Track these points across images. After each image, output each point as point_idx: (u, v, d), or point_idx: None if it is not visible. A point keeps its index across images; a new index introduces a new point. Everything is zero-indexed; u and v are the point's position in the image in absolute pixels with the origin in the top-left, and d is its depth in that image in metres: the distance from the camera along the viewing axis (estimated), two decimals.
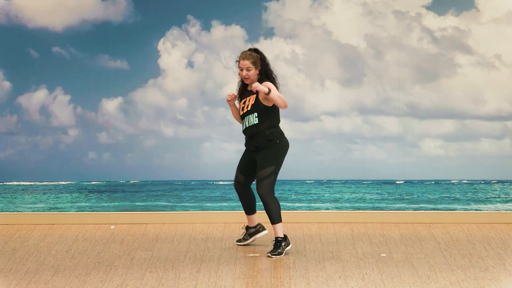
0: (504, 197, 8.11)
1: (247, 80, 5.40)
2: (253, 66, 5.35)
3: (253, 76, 5.40)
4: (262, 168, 5.37)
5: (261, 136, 5.38)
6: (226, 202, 7.94)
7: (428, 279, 4.82)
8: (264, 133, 5.36)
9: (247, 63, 5.35)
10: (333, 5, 7.37)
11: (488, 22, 7.29)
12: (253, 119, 5.37)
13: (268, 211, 5.42)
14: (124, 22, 7.49)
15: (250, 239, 5.75)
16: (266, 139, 5.37)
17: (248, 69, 5.35)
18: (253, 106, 5.37)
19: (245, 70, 5.35)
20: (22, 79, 7.54)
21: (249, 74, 5.36)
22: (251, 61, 5.35)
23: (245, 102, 5.44)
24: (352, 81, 7.44)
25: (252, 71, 5.37)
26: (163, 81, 7.59)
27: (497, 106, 7.43)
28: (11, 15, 7.41)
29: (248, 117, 5.38)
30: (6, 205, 7.83)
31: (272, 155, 5.39)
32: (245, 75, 5.37)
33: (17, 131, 7.60)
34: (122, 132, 7.65)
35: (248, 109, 5.38)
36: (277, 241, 5.45)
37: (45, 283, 4.78)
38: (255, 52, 5.40)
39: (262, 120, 5.36)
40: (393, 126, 7.44)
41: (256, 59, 5.37)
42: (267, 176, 5.36)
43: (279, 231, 5.45)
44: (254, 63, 5.35)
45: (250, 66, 5.35)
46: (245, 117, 5.43)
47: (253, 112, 5.37)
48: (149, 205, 7.88)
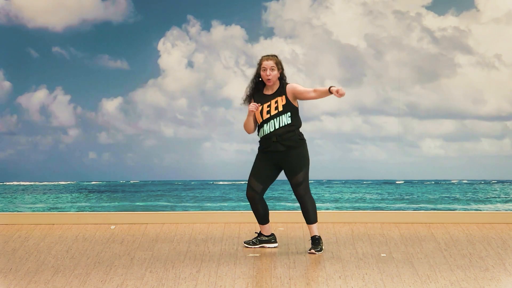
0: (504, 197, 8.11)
1: (269, 81, 5.45)
2: (276, 67, 5.47)
3: (275, 78, 5.46)
4: (299, 170, 5.46)
5: (293, 135, 5.44)
6: (226, 202, 7.93)
7: (428, 279, 4.82)
8: (296, 132, 5.46)
9: (271, 63, 5.46)
10: (333, 5, 7.37)
11: (488, 22, 7.29)
12: (286, 119, 5.44)
13: (307, 211, 5.52)
14: (124, 22, 7.49)
15: (259, 245, 5.77)
16: (299, 138, 5.47)
17: (272, 68, 5.44)
18: (285, 107, 5.45)
19: (269, 70, 5.42)
20: (22, 79, 7.54)
21: (272, 74, 5.43)
22: (275, 62, 5.47)
23: (270, 106, 5.46)
24: (352, 81, 7.44)
25: (275, 72, 5.46)
26: (163, 81, 7.59)
27: (497, 106, 7.43)
28: (11, 15, 7.41)
29: (279, 118, 5.43)
30: (6, 205, 7.83)
31: (305, 155, 5.52)
32: (269, 74, 5.42)
33: (17, 131, 7.60)
34: (122, 132, 7.65)
35: (280, 110, 5.44)
36: (316, 238, 5.55)
37: (45, 283, 4.78)
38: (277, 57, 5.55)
39: (294, 119, 5.45)
40: (393, 126, 7.44)
41: (278, 62, 5.51)
42: (305, 178, 5.46)
43: (316, 230, 5.59)
44: (276, 64, 5.48)
45: (274, 66, 5.46)
46: (272, 119, 5.45)
47: (286, 112, 5.44)
48: (149, 205, 7.88)
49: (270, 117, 5.43)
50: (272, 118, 5.43)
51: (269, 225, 5.74)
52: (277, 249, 5.70)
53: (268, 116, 5.44)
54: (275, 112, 5.43)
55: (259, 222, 5.71)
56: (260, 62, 5.50)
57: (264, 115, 5.45)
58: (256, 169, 5.58)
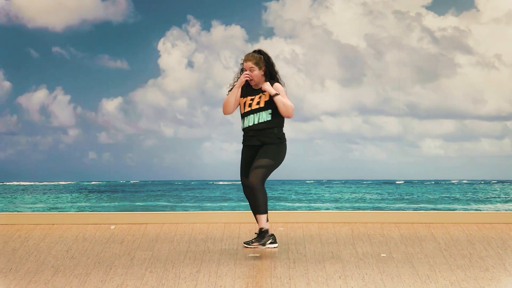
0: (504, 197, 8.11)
1: (251, 81, 5.43)
2: (256, 66, 5.40)
3: (257, 77, 5.43)
4: (261, 157, 5.41)
5: (270, 133, 5.42)
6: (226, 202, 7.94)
7: (428, 279, 4.83)
8: (273, 130, 5.41)
9: (249, 64, 5.40)
10: (333, 5, 7.37)
11: (488, 22, 7.29)
12: (266, 115, 5.40)
13: (255, 200, 5.45)
14: (124, 22, 7.49)
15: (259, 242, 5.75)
16: (276, 136, 5.43)
17: (251, 69, 5.39)
18: (267, 103, 5.41)
19: (248, 71, 5.39)
20: (22, 79, 7.54)
21: (252, 75, 5.40)
22: (254, 62, 5.40)
23: (253, 99, 5.45)
24: (352, 81, 7.44)
25: (256, 72, 5.41)
26: (163, 81, 7.60)
27: (497, 106, 7.43)
28: (11, 15, 7.41)
29: (259, 114, 5.41)
30: (6, 205, 7.83)
31: (276, 151, 5.44)
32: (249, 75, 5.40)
33: (17, 131, 7.60)
34: (122, 132, 7.66)
35: (261, 106, 5.40)
36: (261, 232, 5.47)
37: (45, 283, 4.78)
38: (259, 53, 5.44)
39: (275, 117, 5.40)
40: (393, 126, 7.44)
41: (259, 60, 5.41)
42: (263, 166, 5.39)
43: (263, 221, 5.47)
44: (256, 63, 5.40)
45: (253, 66, 5.39)
46: (253, 113, 5.43)
47: (267, 109, 5.41)
48: (149, 205, 7.88)
49: (251, 111, 5.43)
50: (252, 113, 5.43)
51: (266, 216, 5.67)
52: (277, 249, 5.70)
53: (249, 109, 5.44)
54: (256, 107, 5.43)
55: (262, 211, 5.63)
56: (242, 61, 5.47)
57: (246, 107, 5.45)
58: (242, 165, 5.60)
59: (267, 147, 5.47)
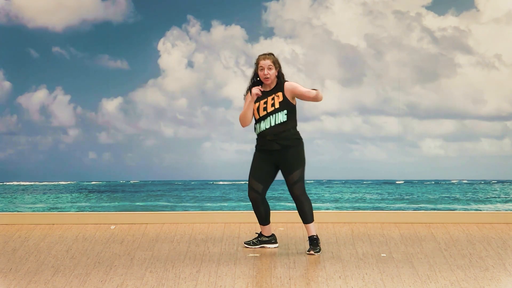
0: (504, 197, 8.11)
1: (267, 80, 5.41)
2: (273, 65, 5.41)
3: (273, 76, 5.43)
4: (295, 169, 5.42)
5: (289, 134, 5.41)
6: (226, 202, 7.94)
7: (428, 279, 4.82)
8: (291, 131, 5.41)
9: (268, 62, 5.40)
10: (333, 5, 7.37)
11: (488, 22, 7.29)
12: (282, 116, 5.38)
13: (303, 211, 5.49)
14: (124, 22, 7.49)
15: (259, 245, 5.75)
16: (295, 137, 5.43)
17: (269, 67, 5.39)
18: (282, 104, 5.39)
19: (267, 69, 5.38)
20: (22, 79, 7.54)
21: (270, 73, 5.39)
22: (272, 61, 5.42)
23: (266, 102, 5.43)
24: (352, 81, 7.44)
25: (273, 71, 5.41)
26: (163, 81, 7.59)
27: (497, 106, 7.43)
28: (11, 15, 7.41)
29: (276, 115, 5.38)
30: (6, 205, 7.83)
31: (301, 154, 5.48)
32: (266, 73, 5.38)
33: (17, 131, 7.60)
34: (122, 132, 7.65)
35: (276, 107, 5.38)
36: (314, 239, 5.51)
37: (45, 283, 4.78)
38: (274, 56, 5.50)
39: (290, 118, 5.40)
40: (393, 126, 7.44)
41: (275, 60, 5.45)
42: (301, 177, 5.44)
43: (314, 229, 5.54)
44: (274, 63, 5.43)
45: (271, 65, 5.40)
46: (268, 116, 5.41)
47: (282, 110, 5.39)
48: (149, 205, 7.88)
49: (267, 114, 5.40)
50: (269, 115, 5.40)
51: (269, 225, 5.73)
52: (277, 249, 5.70)
53: (264, 113, 5.41)
54: (271, 109, 5.40)
55: (260, 223, 5.70)
56: (257, 62, 5.45)
57: (261, 112, 5.42)
58: (255, 169, 5.55)
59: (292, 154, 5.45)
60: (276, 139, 5.40)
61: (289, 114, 5.40)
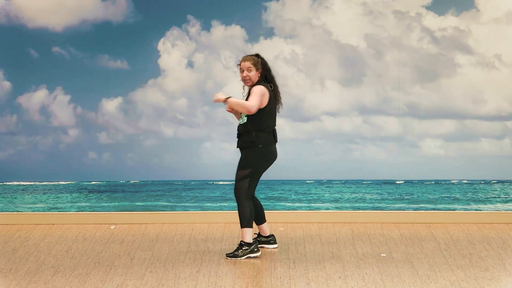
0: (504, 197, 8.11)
1: (247, 82, 5.42)
2: (254, 67, 5.39)
3: (254, 78, 5.42)
4: (238, 169, 5.43)
5: (247, 136, 5.42)
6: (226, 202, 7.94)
7: (428, 279, 4.82)
8: (250, 134, 5.39)
9: (247, 64, 5.39)
10: (333, 5, 7.37)
11: (488, 22, 7.29)
12: (244, 117, 5.43)
13: (238, 213, 5.46)
14: (124, 22, 7.49)
15: (258, 245, 5.75)
16: (249, 139, 5.40)
17: (248, 69, 5.38)
18: None
19: (246, 71, 5.38)
20: (22, 79, 7.54)
21: (249, 75, 5.38)
22: (252, 62, 5.40)
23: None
24: (352, 81, 7.44)
25: (253, 72, 5.39)
26: (163, 81, 7.60)
27: (497, 106, 7.43)
28: (11, 15, 7.41)
29: (242, 116, 5.45)
30: (6, 205, 7.83)
31: (251, 158, 5.40)
32: (245, 75, 5.39)
33: (17, 131, 7.60)
34: (122, 132, 7.66)
35: None
36: (240, 244, 5.43)
37: (45, 283, 4.78)
38: (257, 57, 5.45)
39: (251, 120, 5.39)
40: (393, 126, 7.45)
41: (256, 62, 5.41)
42: (240, 178, 5.40)
43: (245, 235, 5.41)
44: (254, 64, 5.40)
45: (251, 66, 5.38)
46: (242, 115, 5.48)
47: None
48: (149, 205, 7.88)
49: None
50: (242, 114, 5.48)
51: (266, 225, 5.72)
52: (277, 249, 5.70)
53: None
54: None
55: (255, 223, 5.71)
56: (239, 64, 5.46)
57: None
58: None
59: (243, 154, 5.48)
60: (238, 138, 5.48)
61: (249, 117, 5.39)
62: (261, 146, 5.38)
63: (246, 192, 5.38)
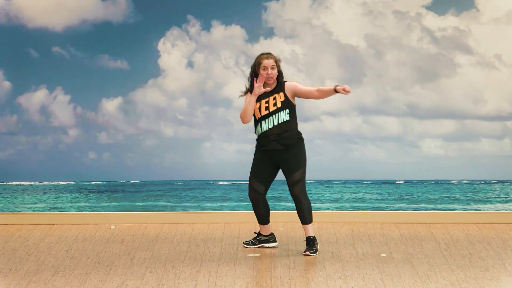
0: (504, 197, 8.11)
1: (270, 79, 5.41)
2: (276, 65, 5.42)
3: (275, 76, 5.43)
4: (296, 169, 5.41)
5: (291, 133, 5.40)
6: (226, 202, 7.93)
7: (428, 279, 4.83)
8: (293, 131, 5.41)
9: (271, 61, 5.41)
10: (333, 5, 7.37)
11: (488, 22, 7.29)
12: (285, 115, 5.38)
13: (302, 211, 5.47)
14: (124, 22, 7.49)
15: (258, 245, 5.75)
16: (297, 136, 5.42)
17: (272, 67, 5.39)
18: (284, 103, 5.39)
19: (270, 69, 5.38)
20: (22, 79, 7.54)
21: (273, 72, 5.40)
22: (274, 60, 5.43)
23: (268, 101, 5.42)
24: (352, 81, 7.43)
25: (275, 70, 5.42)
26: (163, 81, 7.59)
27: (497, 106, 7.43)
28: (11, 15, 7.41)
29: (278, 115, 5.38)
30: (6, 205, 7.83)
31: (303, 154, 5.47)
32: (270, 73, 5.38)
33: (17, 131, 7.60)
34: (122, 132, 7.65)
35: (278, 106, 5.38)
36: (311, 240, 5.49)
37: (45, 283, 4.78)
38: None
39: (292, 117, 5.40)
40: (393, 126, 7.45)
41: (277, 60, 5.46)
42: (302, 177, 5.43)
43: (311, 230, 5.52)
44: (276, 62, 5.44)
45: (275, 65, 5.41)
46: (270, 116, 5.40)
47: (284, 109, 5.39)
48: (149, 205, 7.88)
49: (269, 113, 5.39)
50: (271, 115, 5.39)
51: (269, 225, 5.74)
52: (277, 249, 5.70)
53: (266, 113, 5.39)
54: (273, 109, 5.39)
55: (260, 222, 5.70)
56: (260, 61, 5.43)
57: (263, 111, 5.40)
58: (256, 170, 5.53)
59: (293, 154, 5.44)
60: (278, 139, 5.40)
61: (291, 113, 5.40)
62: (303, 139, 5.47)
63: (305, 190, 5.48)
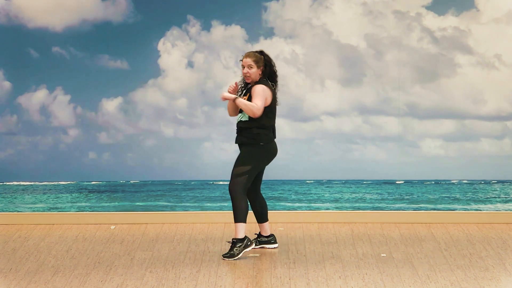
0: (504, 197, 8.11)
1: (248, 78, 5.42)
2: (255, 64, 5.37)
3: (254, 75, 5.41)
4: (237, 165, 5.40)
5: (249, 132, 5.40)
6: (226, 202, 7.93)
7: (428, 279, 4.82)
8: (253, 130, 5.38)
9: (248, 60, 5.38)
10: (333, 5, 7.37)
11: (488, 22, 7.29)
12: (245, 115, 5.41)
13: (233, 208, 5.43)
14: (124, 22, 7.49)
15: (258, 245, 5.74)
16: (251, 136, 5.38)
17: (249, 66, 5.37)
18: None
19: (247, 68, 5.38)
20: (22, 79, 7.54)
21: (250, 72, 5.38)
22: (253, 60, 5.37)
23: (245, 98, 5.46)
24: (352, 81, 7.44)
25: (254, 70, 5.38)
26: (163, 81, 7.59)
27: (497, 106, 7.43)
28: (11, 15, 7.41)
29: (243, 112, 5.41)
30: (6, 205, 7.83)
31: (252, 155, 5.40)
32: (246, 72, 5.38)
33: (17, 131, 7.60)
34: (122, 132, 7.66)
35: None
36: (233, 242, 5.42)
37: (45, 283, 4.78)
38: (260, 54, 5.42)
39: (252, 119, 5.37)
40: (393, 126, 7.45)
41: (259, 59, 5.39)
42: (241, 173, 5.36)
43: (239, 231, 5.41)
44: (256, 62, 5.37)
45: (252, 64, 5.37)
46: (241, 111, 5.46)
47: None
48: (149, 205, 7.88)
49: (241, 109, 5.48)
50: (241, 111, 5.46)
51: (267, 224, 5.72)
52: (277, 249, 5.70)
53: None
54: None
55: (257, 221, 5.70)
56: (241, 59, 5.45)
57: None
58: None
59: (242, 151, 5.46)
60: (238, 134, 5.47)
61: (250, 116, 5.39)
62: (263, 144, 5.38)
63: (244, 187, 5.37)
